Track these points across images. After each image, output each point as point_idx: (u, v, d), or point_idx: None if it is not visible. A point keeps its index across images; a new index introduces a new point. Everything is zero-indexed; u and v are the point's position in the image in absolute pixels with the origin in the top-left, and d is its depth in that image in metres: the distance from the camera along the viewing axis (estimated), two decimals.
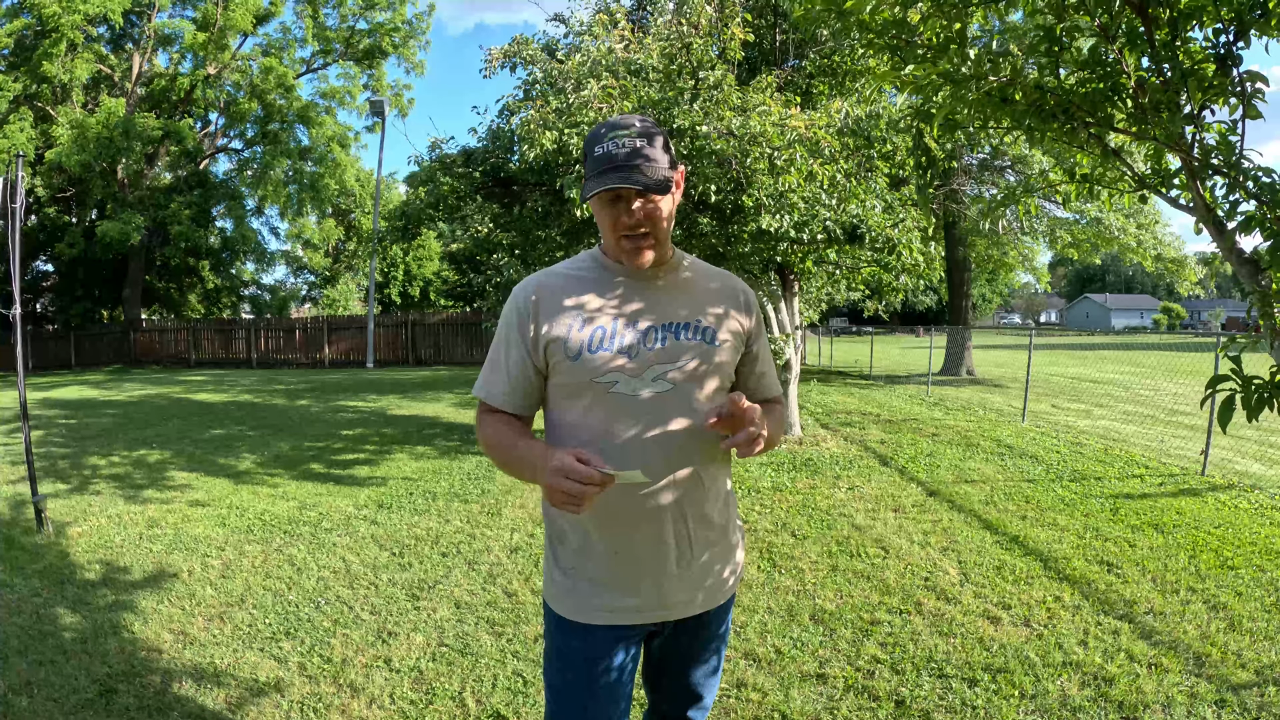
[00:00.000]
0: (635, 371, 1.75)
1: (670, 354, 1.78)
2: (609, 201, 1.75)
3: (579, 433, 1.78)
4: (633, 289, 1.83)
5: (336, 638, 4.13)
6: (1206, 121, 2.45)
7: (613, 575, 1.81)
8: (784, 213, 7.77)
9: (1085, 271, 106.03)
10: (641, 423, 1.75)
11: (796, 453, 9.10)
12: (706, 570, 1.88)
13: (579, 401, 1.79)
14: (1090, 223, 19.55)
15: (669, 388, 1.77)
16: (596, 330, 1.77)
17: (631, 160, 1.69)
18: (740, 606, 4.47)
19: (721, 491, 1.90)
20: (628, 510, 1.76)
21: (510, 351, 1.84)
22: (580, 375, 1.76)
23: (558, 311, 1.80)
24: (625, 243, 1.76)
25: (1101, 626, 4.15)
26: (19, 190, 6.33)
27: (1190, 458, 8.88)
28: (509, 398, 1.85)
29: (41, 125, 27.63)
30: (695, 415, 1.78)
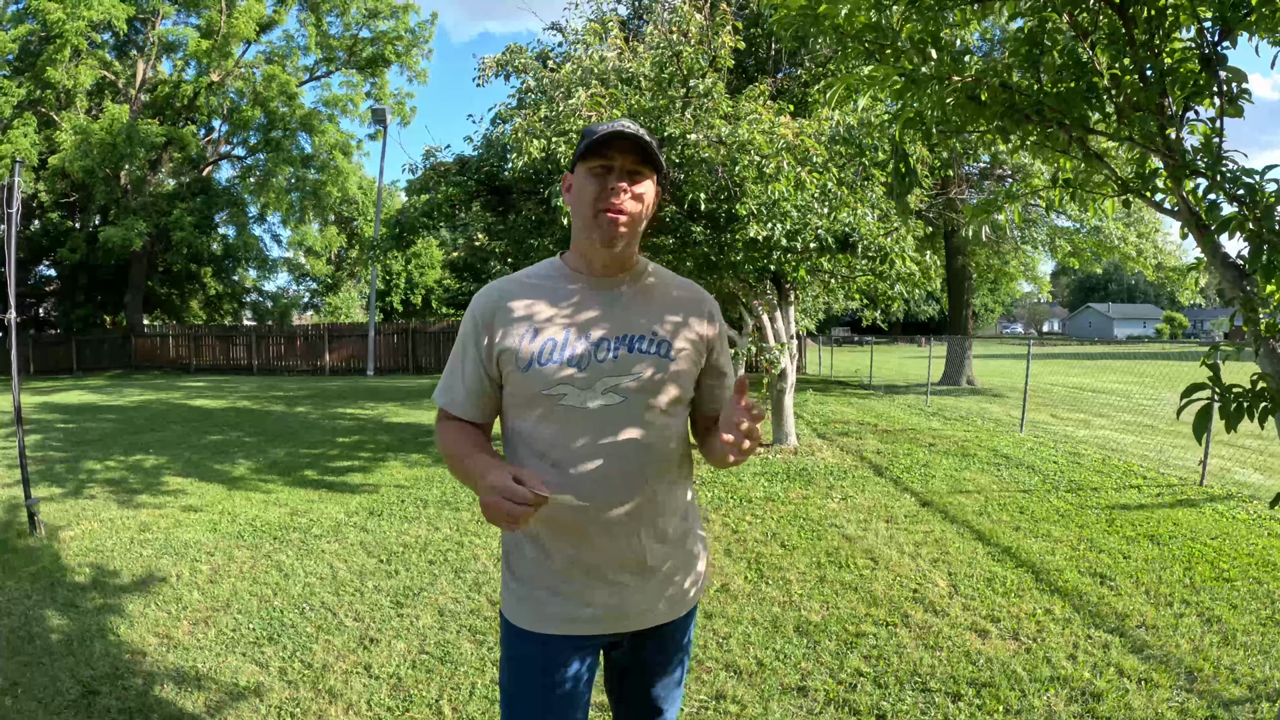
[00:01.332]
0: (585, 383, 1.73)
1: (622, 366, 1.75)
2: (597, 175, 1.74)
3: (532, 443, 1.77)
4: (590, 298, 1.81)
5: (319, 643, 4.11)
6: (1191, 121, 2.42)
7: (569, 585, 1.79)
8: (775, 221, 7.75)
9: (1088, 281, 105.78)
10: (591, 435, 1.73)
11: (791, 462, 9.07)
12: (665, 581, 1.85)
13: (531, 412, 1.77)
14: (1090, 231, 19.51)
15: (620, 400, 1.74)
16: (547, 342, 1.75)
17: (634, 131, 1.71)
18: (724, 617, 4.44)
19: (679, 503, 1.88)
20: (581, 522, 1.74)
21: (466, 360, 1.84)
22: (530, 387, 1.75)
23: (511, 321, 1.78)
24: (603, 217, 1.73)
25: (1092, 640, 4.11)
26: (15, 195, 6.32)
27: (1189, 468, 8.83)
28: (465, 406, 1.84)
29: (45, 130, 27.72)
30: (648, 427, 1.77)
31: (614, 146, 1.72)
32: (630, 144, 1.72)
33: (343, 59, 34.81)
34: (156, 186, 31.51)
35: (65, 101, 28.33)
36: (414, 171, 10.97)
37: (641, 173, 1.76)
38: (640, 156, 1.74)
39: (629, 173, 1.74)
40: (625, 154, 1.73)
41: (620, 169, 1.73)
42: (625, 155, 1.73)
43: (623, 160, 1.73)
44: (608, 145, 1.71)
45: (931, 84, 2.37)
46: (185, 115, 31.94)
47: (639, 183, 1.76)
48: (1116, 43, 2.48)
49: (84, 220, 32.78)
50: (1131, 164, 2.78)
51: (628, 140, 1.71)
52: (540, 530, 1.79)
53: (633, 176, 1.75)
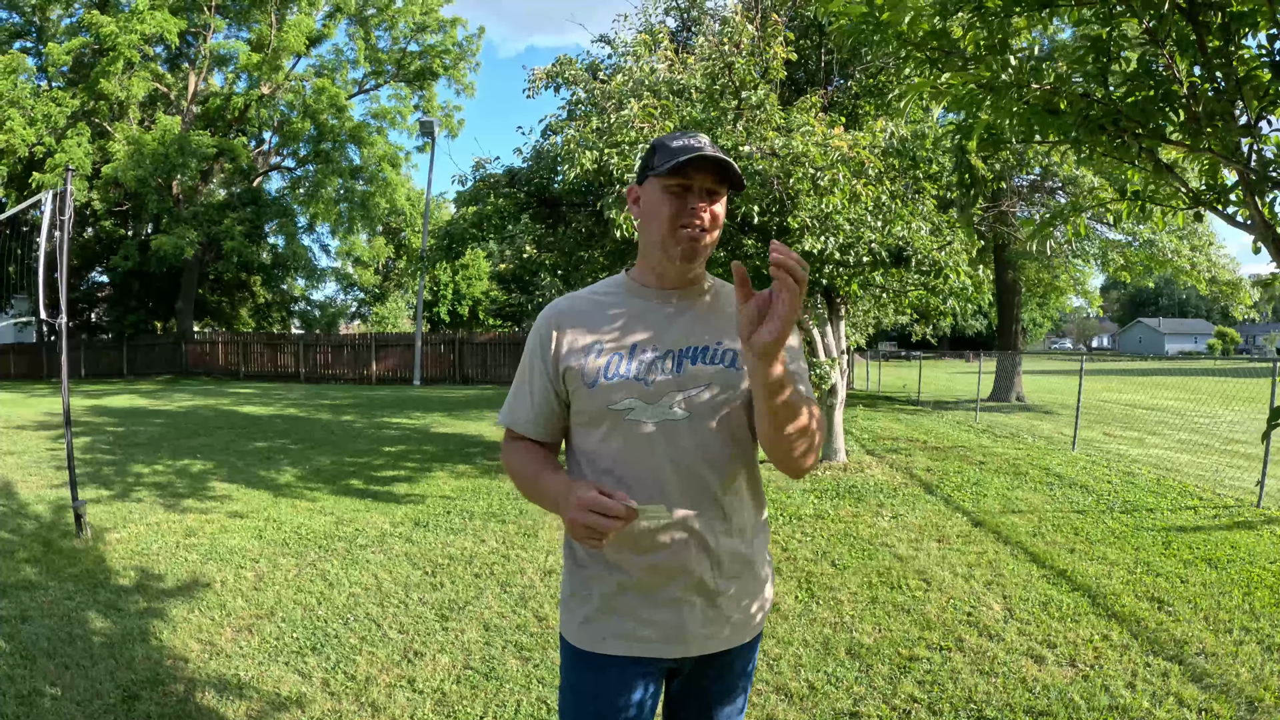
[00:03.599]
0: (650, 398, 1.70)
1: (687, 380, 1.72)
2: (675, 193, 1.71)
3: (597, 461, 1.74)
4: (655, 312, 1.79)
5: (362, 655, 4.09)
6: (1264, 133, 2.32)
7: (630, 605, 1.74)
8: (829, 234, 7.66)
9: (1138, 295, 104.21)
10: (657, 450, 1.69)
11: (840, 479, 8.94)
12: (731, 605, 1.78)
13: (596, 430, 1.74)
14: (1143, 244, 19.11)
15: (685, 415, 1.70)
16: (612, 357, 1.73)
17: (715, 154, 1.67)
18: (775, 638, 4.35)
19: (747, 523, 1.81)
20: (646, 540, 1.70)
21: (534, 379, 1.81)
22: (596, 403, 1.72)
23: (577, 338, 1.77)
24: (683, 234, 1.71)
25: (1150, 668, 3.97)
26: (68, 202, 6.42)
27: (1246, 489, 8.59)
28: (534, 426, 1.82)
29: (99, 141, 28.34)
30: (715, 442, 1.72)
31: (692, 165, 1.68)
32: (711, 164, 1.68)
33: (391, 72, 35.26)
34: (207, 196, 32.08)
35: (118, 113, 28.94)
36: (464, 183, 11.00)
37: (718, 191, 1.74)
38: (719, 176, 1.71)
39: (707, 191, 1.72)
40: (704, 173, 1.70)
41: (700, 189, 1.71)
42: (704, 174, 1.70)
43: (701, 179, 1.70)
44: (687, 165, 1.68)
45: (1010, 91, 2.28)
46: (236, 127, 32.47)
47: (716, 201, 1.74)
48: (1187, 50, 2.38)
49: (136, 228, 33.40)
50: (1202, 176, 2.68)
51: (709, 161, 1.68)
52: (607, 548, 1.73)
53: (710, 195, 1.72)
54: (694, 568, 1.71)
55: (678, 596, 1.73)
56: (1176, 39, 2.39)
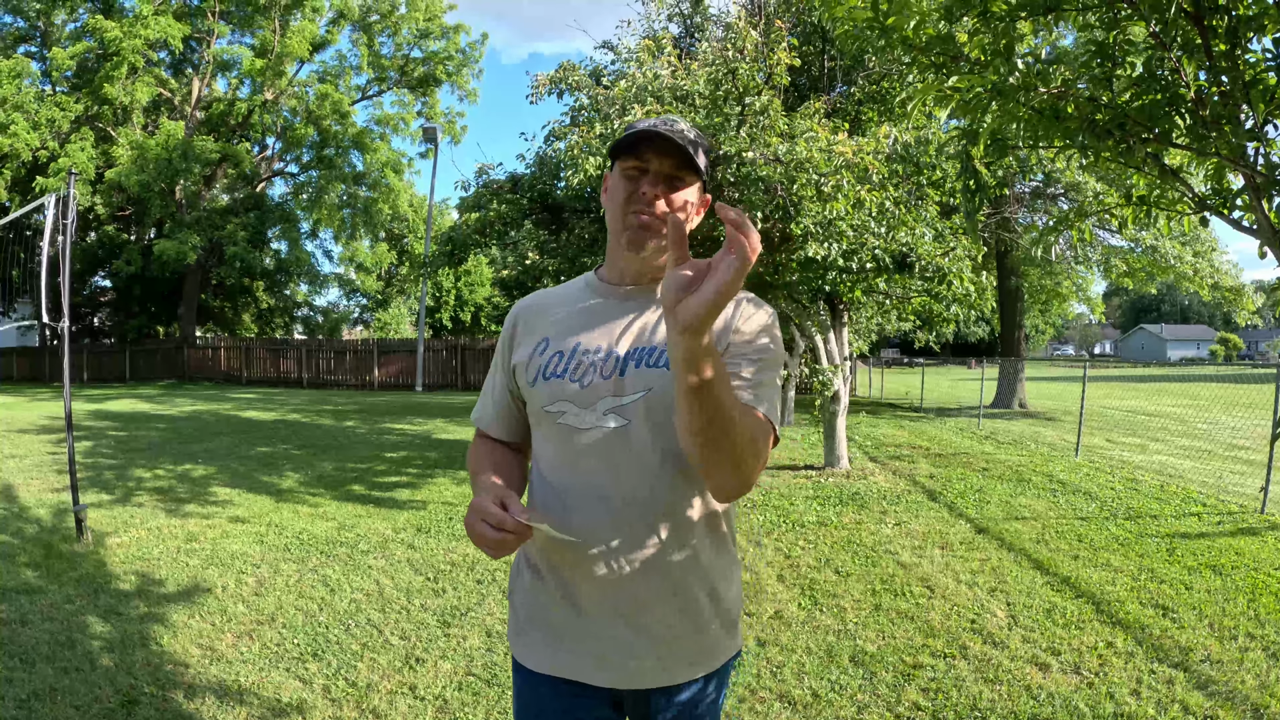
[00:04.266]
0: (583, 402, 1.56)
1: (630, 384, 1.54)
2: (630, 176, 1.58)
3: (540, 465, 1.65)
4: (612, 310, 1.65)
5: (364, 661, 4.07)
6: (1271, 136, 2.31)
7: (562, 623, 1.60)
8: (832, 241, 7.65)
9: (1140, 301, 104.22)
10: (588, 459, 1.55)
11: (844, 486, 8.92)
12: (675, 636, 1.58)
13: (538, 432, 1.66)
14: (1146, 250, 19.09)
15: (622, 423, 1.53)
16: (554, 355, 1.62)
17: (672, 131, 1.54)
18: (778, 646, 4.33)
19: (699, 549, 1.59)
20: (578, 556, 1.54)
21: (496, 375, 1.78)
22: (534, 403, 1.63)
23: (529, 334, 1.69)
24: (631, 220, 1.57)
25: (1155, 675, 3.95)
26: (71, 207, 6.43)
27: (1249, 494, 8.57)
28: (495, 423, 1.77)
29: (102, 145, 28.42)
30: (656, 455, 1.53)
31: (649, 146, 1.55)
32: (669, 146, 1.54)
33: (394, 78, 35.36)
34: (211, 201, 32.16)
35: (122, 117, 29.00)
36: (467, 189, 11.00)
37: (682, 179, 1.58)
38: (680, 160, 1.55)
39: (667, 178, 1.57)
40: (663, 156, 1.55)
41: (656, 173, 1.56)
42: (663, 158, 1.56)
43: (660, 163, 1.56)
44: (642, 145, 1.55)
45: (1018, 95, 2.27)
46: (239, 132, 32.56)
47: (679, 189, 1.58)
48: (1193, 54, 2.38)
49: (139, 233, 33.49)
50: (1207, 180, 2.67)
51: (666, 142, 1.53)
52: (538, 559, 1.64)
53: (672, 182, 1.57)
54: (624, 594, 1.55)
55: (607, 622, 1.56)
56: (1182, 43, 2.38)
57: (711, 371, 1.23)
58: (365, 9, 34.14)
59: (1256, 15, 2.25)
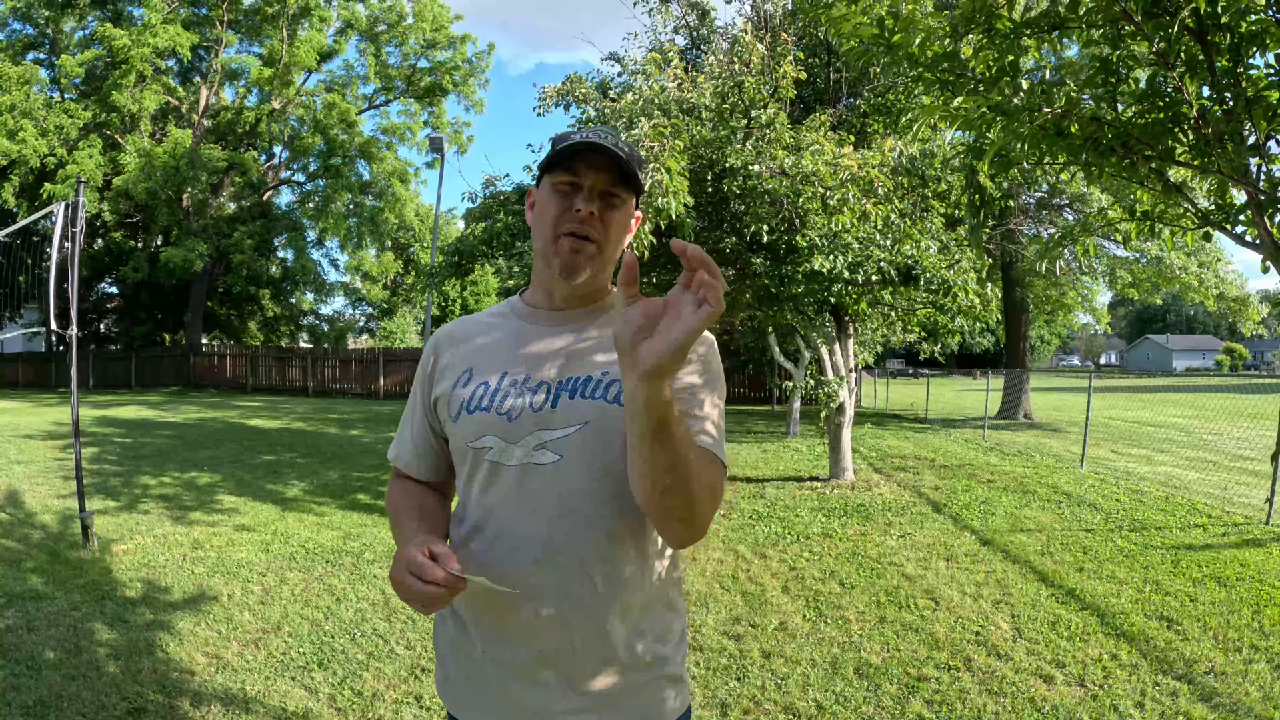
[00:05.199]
0: (511, 437, 1.43)
1: (560, 417, 1.42)
2: (562, 192, 1.45)
3: (465, 506, 1.52)
4: (540, 336, 1.52)
5: (369, 671, 4.08)
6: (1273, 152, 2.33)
7: (490, 677, 1.47)
8: (838, 253, 7.67)
9: (1146, 312, 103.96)
10: (516, 499, 1.43)
11: (848, 498, 8.92)
12: (613, 692, 1.45)
13: (463, 470, 1.51)
14: (1151, 261, 19.09)
15: (554, 458, 1.41)
16: (479, 387, 1.48)
17: (607, 143, 1.44)
18: (783, 657, 4.33)
19: (640, 597, 1.47)
20: (505, 605, 1.42)
21: (415, 410, 1.62)
22: (458, 439, 1.49)
23: (451, 364, 1.55)
24: (564, 241, 1.44)
25: (1160, 687, 3.95)
26: (80, 214, 6.47)
27: (1255, 506, 8.57)
28: (412, 462, 1.62)
29: (110, 153, 28.51)
30: (590, 495, 1.42)
31: (583, 161, 1.44)
32: (605, 160, 1.43)
33: (401, 88, 35.47)
34: (218, 209, 32.25)
35: (130, 125, 29.11)
36: (474, 200, 11.04)
37: (617, 194, 1.47)
38: (616, 175, 1.45)
39: (602, 194, 1.45)
40: (598, 171, 1.44)
41: (591, 189, 1.44)
42: (598, 173, 1.44)
43: (594, 179, 1.44)
44: (574, 159, 1.44)
45: (1022, 115, 2.29)
46: (246, 141, 32.66)
47: (613, 206, 1.47)
48: (1196, 71, 2.39)
49: (146, 240, 33.57)
50: (1210, 195, 2.69)
51: (602, 156, 1.43)
52: (461, 608, 1.51)
53: (606, 199, 1.46)
54: (553, 643, 1.42)
55: (532, 679, 1.43)
56: (1185, 60, 2.40)
57: (672, 418, 1.16)
58: (373, 19, 34.29)
59: (1259, 32, 2.27)
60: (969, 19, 2.50)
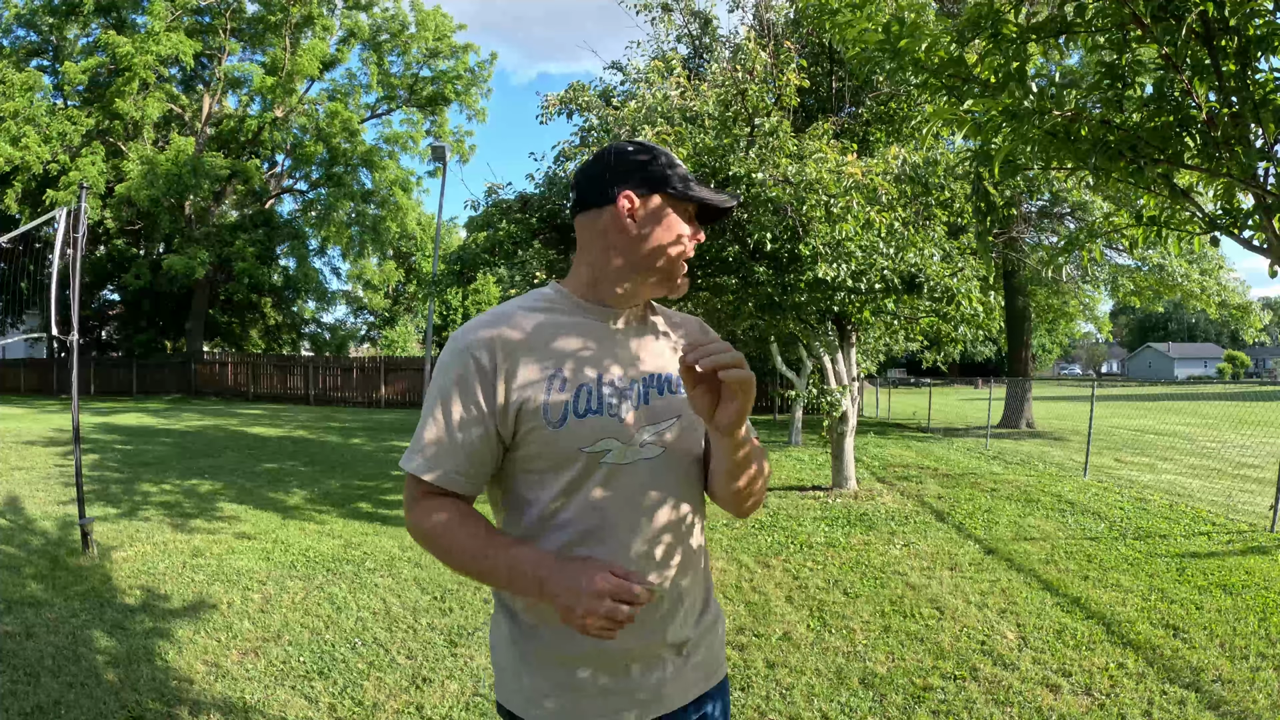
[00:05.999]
0: (625, 437, 1.46)
1: (657, 412, 1.50)
2: (688, 219, 1.57)
3: (557, 514, 1.47)
4: (607, 334, 1.54)
5: (370, 680, 4.05)
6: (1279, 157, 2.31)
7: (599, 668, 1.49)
8: (841, 261, 7.65)
9: (1147, 320, 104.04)
10: (638, 497, 1.48)
11: (851, 507, 8.89)
12: (699, 649, 1.59)
13: (559, 476, 1.46)
14: (1153, 269, 19.07)
15: (660, 453, 1.49)
16: (581, 389, 1.46)
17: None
18: (787, 667, 4.30)
19: (702, 563, 1.63)
20: None
21: (466, 419, 1.44)
22: (563, 445, 1.43)
23: (530, 367, 1.45)
24: (680, 265, 1.56)
25: (1167, 696, 3.92)
26: (82, 220, 6.46)
27: (1259, 513, 8.55)
28: (466, 479, 1.47)
29: (113, 160, 28.62)
30: (686, 481, 1.55)
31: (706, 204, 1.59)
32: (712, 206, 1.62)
33: (404, 97, 35.58)
34: (220, 217, 32.31)
35: (133, 132, 29.21)
36: (476, 208, 11.04)
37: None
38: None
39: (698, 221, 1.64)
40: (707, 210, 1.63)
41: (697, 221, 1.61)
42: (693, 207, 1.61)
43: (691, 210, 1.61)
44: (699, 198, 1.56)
45: (1032, 118, 2.27)
46: (249, 149, 32.75)
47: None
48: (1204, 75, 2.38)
49: (149, 248, 33.67)
50: (1218, 200, 2.67)
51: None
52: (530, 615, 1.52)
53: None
54: (674, 623, 1.52)
55: (654, 655, 1.51)
56: (1193, 64, 2.38)
57: (745, 449, 1.47)
58: (375, 28, 34.42)
59: (1267, 35, 2.26)
60: (975, 24, 2.49)
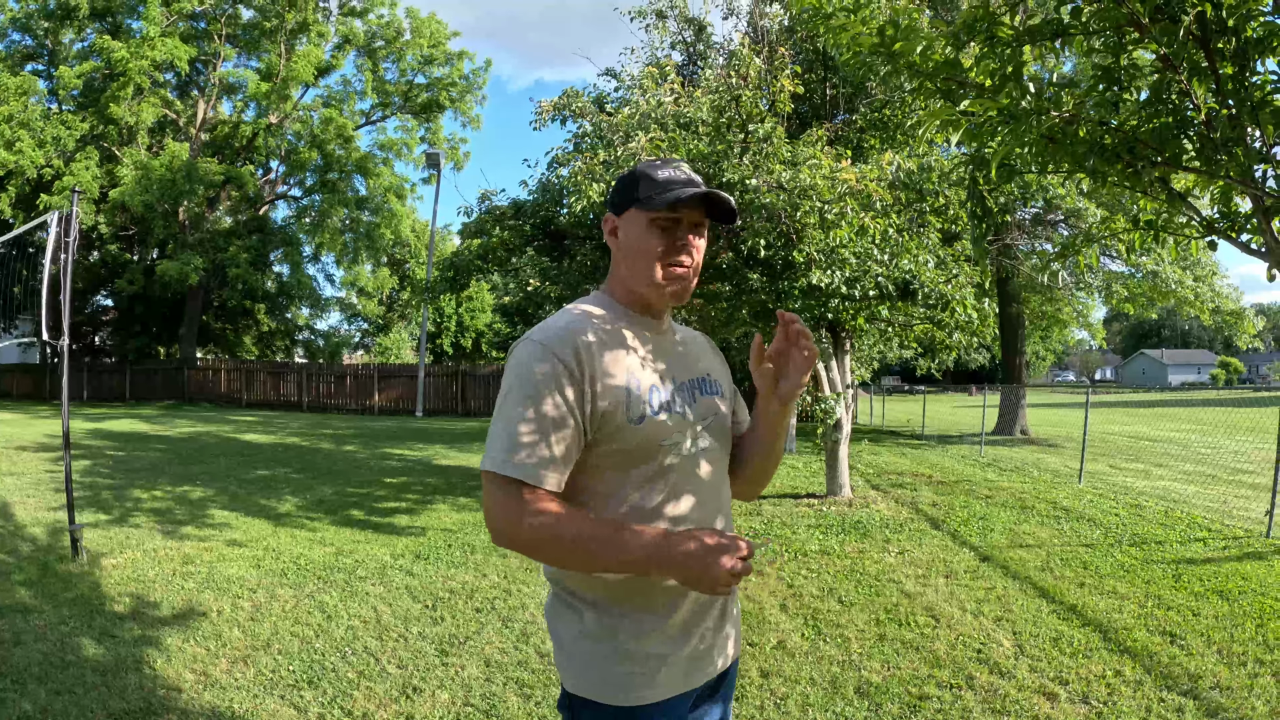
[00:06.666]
0: (687, 431, 1.67)
1: (704, 409, 1.73)
2: (664, 228, 1.66)
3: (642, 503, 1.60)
4: (659, 341, 1.75)
5: (360, 690, 4.01)
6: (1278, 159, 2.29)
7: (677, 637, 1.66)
8: (835, 268, 7.63)
9: (1141, 326, 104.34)
10: (701, 485, 1.69)
11: (846, 515, 8.85)
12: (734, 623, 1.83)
13: (636, 470, 1.60)
14: (1146, 276, 19.08)
15: (711, 444, 1.72)
16: (652, 390, 1.63)
17: (709, 191, 1.65)
18: (781, 676, 4.26)
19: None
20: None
21: (560, 420, 1.53)
22: (642, 440, 1.58)
23: (610, 369, 1.59)
24: (673, 272, 1.67)
25: (1165, 704, 3.89)
26: (74, 225, 6.43)
27: (1254, 519, 8.55)
28: (560, 478, 1.55)
29: (107, 165, 28.56)
30: (724, 468, 1.79)
31: (687, 202, 1.65)
32: (701, 199, 1.66)
33: (398, 104, 35.56)
34: (214, 223, 32.25)
35: (127, 137, 29.15)
36: (469, 215, 11.02)
37: (703, 224, 1.72)
38: (706, 209, 1.69)
39: (696, 225, 1.70)
40: (692, 208, 1.67)
41: (689, 223, 1.68)
42: (693, 209, 1.67)
43: (691, 214, 1.67)
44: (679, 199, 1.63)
45: (1030, 119, 2.25)
46: (244, 155, 32.70)
47: (703, 234, 1.74)
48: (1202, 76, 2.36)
49: (142, 253, 33.59)
50: (1214, 203, 2.65)
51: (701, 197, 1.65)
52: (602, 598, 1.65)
53: (697, 229, 1.70)
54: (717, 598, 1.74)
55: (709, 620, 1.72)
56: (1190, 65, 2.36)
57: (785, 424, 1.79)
58: (370, 35, 34.42)
59: (1265, 37, 2.24)
60: (971, 27, 2.47)
